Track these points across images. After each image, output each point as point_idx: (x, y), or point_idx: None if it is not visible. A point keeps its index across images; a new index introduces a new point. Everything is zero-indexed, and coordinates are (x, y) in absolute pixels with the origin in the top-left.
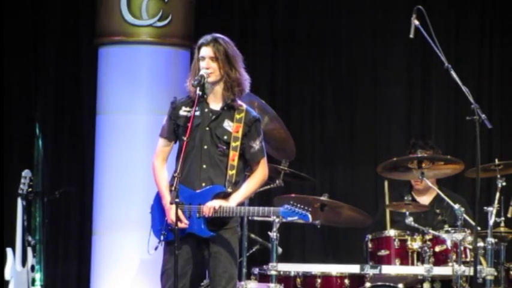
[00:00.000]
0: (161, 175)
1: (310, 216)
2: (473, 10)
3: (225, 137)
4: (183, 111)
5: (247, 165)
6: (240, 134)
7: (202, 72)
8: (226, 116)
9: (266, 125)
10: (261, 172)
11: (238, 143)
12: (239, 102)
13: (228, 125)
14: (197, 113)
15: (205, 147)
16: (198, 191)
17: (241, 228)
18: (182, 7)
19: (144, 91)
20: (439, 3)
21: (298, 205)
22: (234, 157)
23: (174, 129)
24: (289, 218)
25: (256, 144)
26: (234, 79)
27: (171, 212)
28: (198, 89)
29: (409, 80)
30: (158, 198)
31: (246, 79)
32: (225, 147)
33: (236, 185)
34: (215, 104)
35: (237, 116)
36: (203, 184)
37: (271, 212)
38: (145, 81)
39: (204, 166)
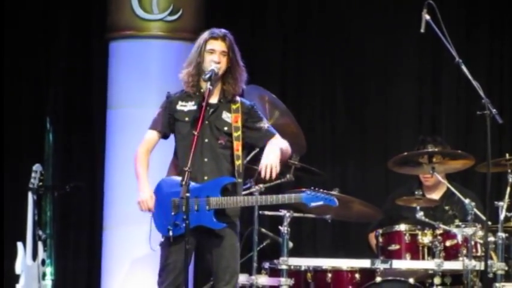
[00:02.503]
0: (143, 164)
1: (336, 200)
2: (484, 4)
3: (226, 128)
4: (180, 106)
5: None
6: (239, 124)
7: (213, 66)
8: (224, 108)
9: (277, 120)
10: (284, 143)
11: (239, 132)
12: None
13: (226, 116)
14: (194, 107)
15: (206, 140)
16: (204, 183)
17: (252, 223)
18: (193, 1)
19: (155, 85)
20: None
21: (320, 190)
22: (238, 147)
23: (169, 123)
24: (313, 204)
25: (264, 123)
26: (238, 76)
27: (150, 202)
28: (208, 83)
29: (420, 74)
30: (157, 192)
31: (246, 77)
32: (226, 139)
33: (240, 175)
34: (212, 97)
35: (234, 107)
36: (205, 178)
37: (293, 198)
38: (156, 75)
39: (206, 160)
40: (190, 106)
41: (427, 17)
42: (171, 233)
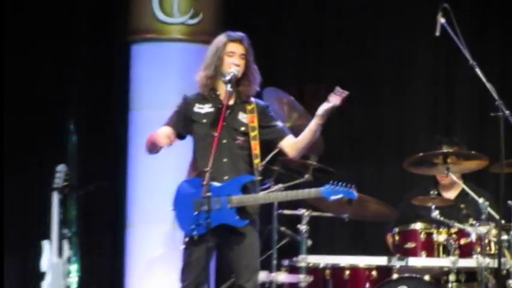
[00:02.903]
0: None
1: (355, 192)
2: (496, 8)
3: (243, 128)
4: (197, 108)
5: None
6: (255, 124)
7: (233, 69)
8: (239, 109)
9: (295, 121)
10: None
11: (256, 132)
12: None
13: (242, 117)
14: (211, 110)
15: (224, 141)
16: (224, 182)
17: (271, 222)
18: (212, 5)
19: (175, 87)
20: (465, 2)
21: (340, 183)
22: (255, 146)
23: (185, 124)
24: (333, 197)
25: (278, 122)
26: (253, 78)
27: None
28: (229, 85)
29: (435, 76)
30: (179, 194)
31: (259, 79)
32: (242, 139)
33: (259, 173)
34: (225, 98)
35: (249, 108)
36: (225, 177)
37: (312, 193)
38: (176, 77)
39: (225, 160)
40: (207, 108)
41: (442, 20)
42: (194, 232)
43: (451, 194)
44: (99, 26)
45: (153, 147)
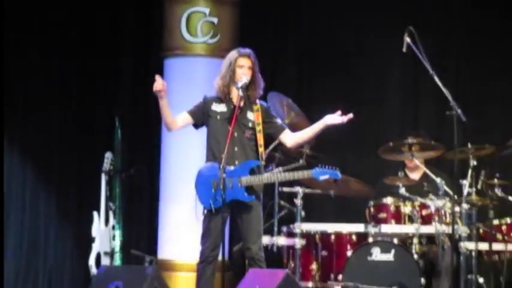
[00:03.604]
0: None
1: (339, 173)
2: (454, 30)
3: (250, 124)
4: (214, 107)
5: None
6: (260, 120)
7: (244, 79)
8: (248, 109)
9: (292, 119)
10: (297, 136)
11: (260, 127)
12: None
13: (250, 115)
14: (225, 109)
15: (236, 134)
16: (236, 167)
17: (273, 197)
18: (228, 27)
19: (200, 93)
20: (427, 24)
21: (327, 166)
22: (260, 138)
23: (202, 117)
24: (321, 177)
25: (278, 120)
26: (258, 85)
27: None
28: (240, 90)
29: (404, 83)
30: (200, 175)
31: (263, 85)
32: (251, 133)
33: (263, 159)
34: (237, 101)
35: (255, 108)
36: (236, 162)
37: (305, 174)
38: (201, 85)
39: (236, 149)
40: (222, 108)
41: (408, 39)
42: (212, 206)
43: (416, 175)
44: (139, 44)
45: (163, 117)
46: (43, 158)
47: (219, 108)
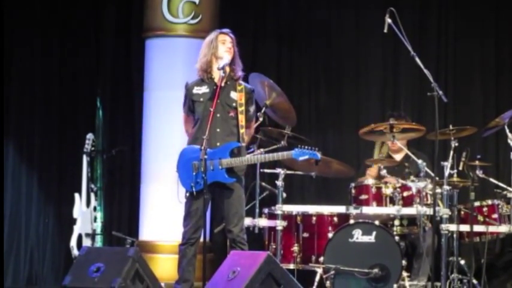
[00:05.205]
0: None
1: (319, 154)
2: (433, 12)
3: (233, 104)
4: (196, 90)
5: None
6: (243, 101)
7: (225, 59)
8: (231, 88)
9: (274, 99)
10: (252, 131)
11: (243, 107)
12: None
13: (234, 95)
14: (207, 90)
15: (218, 115)
16: (217, 148)
17: (255, 178)
18: (209, 8)
19: (180, 73)
20: (407, 5)
21: (306, 147)
22: (242, 119)
23: (190, 106)
24: (301, 158)
25: (252, 109)
26: (237, 65)
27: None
28: (221, 71)
29: (384, 64)
30: (181, 158)
31: (242, 66)
32: (234, 112)
33: (244, 140)
34: (219, 80)
35: (239, 88)
36: (217, 144)
37: (285, 155)
38: (181, 65)
39: (218, 130)
40: (204, 89)
41: (389, 20)
42: (193, 189)
43: (398, 157)
44: (121, 25)
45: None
46: (25, 139)
47: (201, 90)
